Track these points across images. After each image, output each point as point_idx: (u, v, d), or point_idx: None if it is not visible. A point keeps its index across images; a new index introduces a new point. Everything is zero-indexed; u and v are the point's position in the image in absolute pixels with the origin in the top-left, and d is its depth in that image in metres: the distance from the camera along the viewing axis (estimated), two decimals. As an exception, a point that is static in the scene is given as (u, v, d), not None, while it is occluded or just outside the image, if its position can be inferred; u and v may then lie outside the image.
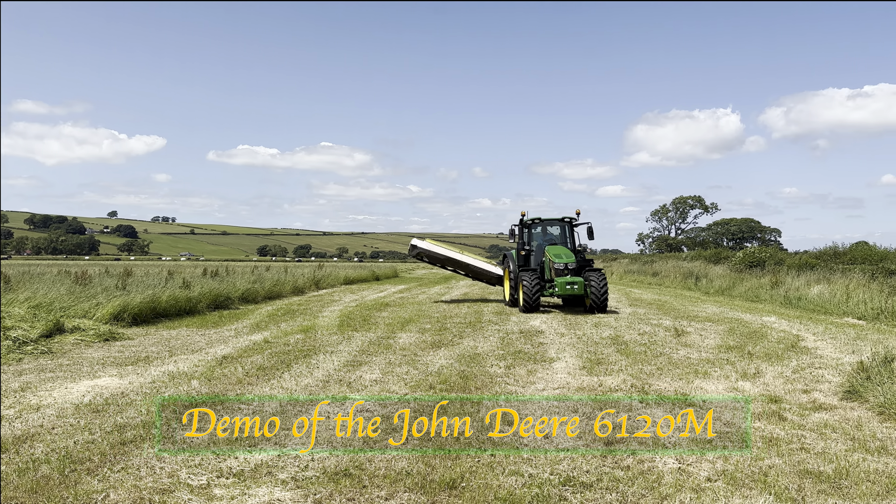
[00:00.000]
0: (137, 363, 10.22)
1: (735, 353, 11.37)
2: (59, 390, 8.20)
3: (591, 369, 9.89)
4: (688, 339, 13.14)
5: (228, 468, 5.40)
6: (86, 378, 9.00)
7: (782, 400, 7.95)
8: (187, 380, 8.87)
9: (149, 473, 5.27)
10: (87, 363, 10.18)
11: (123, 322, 14.81)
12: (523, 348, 11.95)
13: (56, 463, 5.43)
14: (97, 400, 7.66)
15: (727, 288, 27.89)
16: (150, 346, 12.15)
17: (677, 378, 9.24)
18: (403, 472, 5.36)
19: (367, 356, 10.99)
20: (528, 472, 5.36)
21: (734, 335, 13.78)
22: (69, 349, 11.55)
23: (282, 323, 15.97)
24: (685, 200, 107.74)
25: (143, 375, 9.19)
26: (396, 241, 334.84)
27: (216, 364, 10.11)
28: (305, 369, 9.75)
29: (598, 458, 5.72)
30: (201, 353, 11.27)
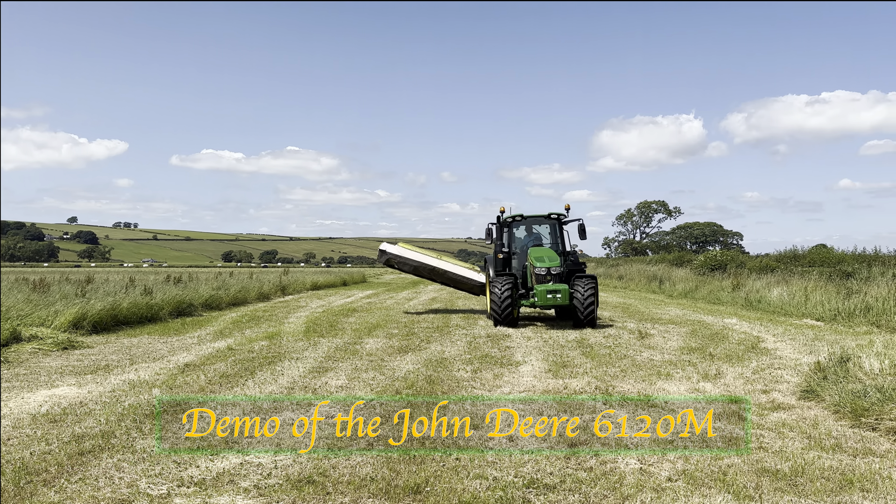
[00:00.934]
0: (97, 372, 10.01)
1: (697, 355, 11.56)
2: (16, 400, 8.00)
3: (556, 372, 9.97)
4: (651, 342, 13.33)
5: (189, 477, 5.32)
6: (43, 387, 8.79)
7: (742, 400, 8.10)
8: (148, 388, 8.71)
9: (107, 484, 5.17)
10: (45, 372, 9.94)
11: (83, 330, 14.50)
12: (490, 352, 12.00)
13: (11, 475, 5.30)
14: (55, 410, 7.49)
15: (690, 291, 28.36)
16: (111, 354, 11.91)
17: (640, 380, 9.36)
18: (368, 477, 5.34)
19: (333, 362, 10.92)
20: (492, 475, 5.38)
21: (696, 337, 14.01)
22: (26, 358, 11.26)
23: (246, 330, 15.79)
24: (649, 205, 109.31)
25: (103, 384, 9.01)
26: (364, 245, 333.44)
27: (178, 372, 9.95)
28: (270, 376, 9.65)
29: (561, 460, 5.77)
30: (163, 361, 11.09)
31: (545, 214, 18.00)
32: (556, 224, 18.06)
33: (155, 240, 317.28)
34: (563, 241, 17.82)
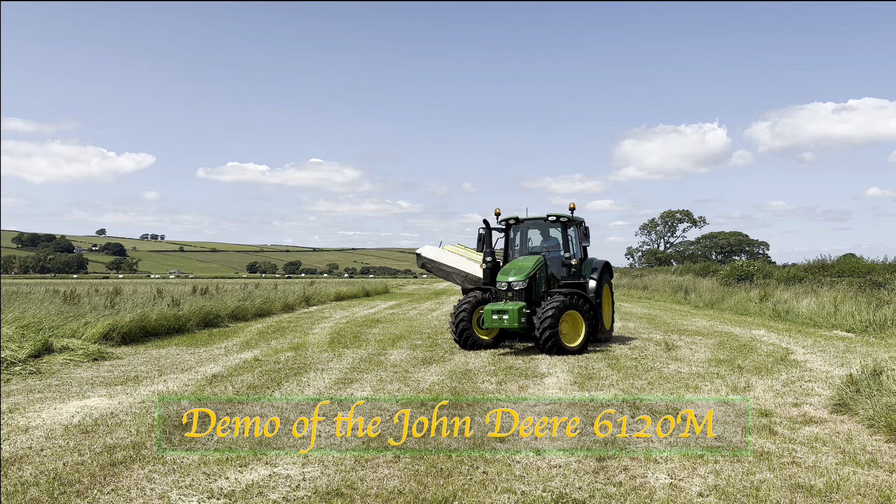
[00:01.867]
0: (127, 383, 10.15)
1: (725, 367, 11.41)
2: (48, 411, 8.13)
3: (582, 384, 9.90)
4: (678, 353, 13.19)
5: (220, 489, 5.37)
6: (75, 398, 8.93)
7: (773, 413, 7.98)
8: (177, 399, 8.81)
9: (139, 495, 5.24)
10: (77, 383, 10.10)
11: (112, 341, 14.71)
12: (515, 364, 11.96)
13: (45, 485, 5.38)
14: (86, 420, 7.60)
15: (716, 301, 28.04)
16: (140, 365, 12.07)
17: (668, 392, 9.27)
18: (396, 490, 5.34)
19: (357, 373, 10.96)
20: (520, 490, 5.35)
21: (724, 349, 13.85)
22: (58, 369, 11.45)
23: (272, 340, 15.90)
24: (673, 214, 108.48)
25: (133, 395, 9.13)
26: (387, 256, 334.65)
27: (206, 383, 10.05)
28: (296, 387, 9.71)
29: (590, 474, 5.73)
30: (191, 371, 11.21)
31: (544, 216, 15.00)
32: (562, 227, 14.91)
33: (181, 251, 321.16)
34: (568, 247, 14.90)
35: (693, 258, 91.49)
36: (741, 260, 62.56)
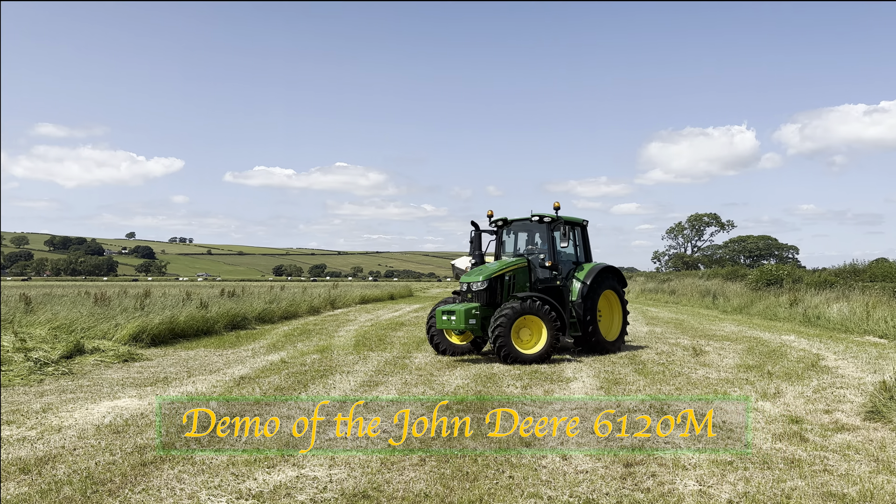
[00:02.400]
0: (156, 384, 10.30)
1: (755, 373, 11.26)
2: (80, 411, 8.28)
3: (608, 389, 9.84)
4: (706, 359, 13.04)
5: (248, 489, 5.42)
6: (106, 399, 9.08)
7: (803, 420, 7.86)
8: (205, 400, 8.92)
9: (169, 495, 5.31)
10: (107, 384, 10.27)
11: (142, 343, 14.94)
12: (540, 368, 11.91)
13: (78, 484, 5.48)
14: (117, 421, 7.72)
15: (745, 306, 27.67)
16: (169, 366, 12.24)
17: (696, 398, 9.17)
18: (422, 493, 5.35)
19: (383, 376, 11.00)
20: (547, 495, 5.33)
21: (753, 354, 13.66)
22: (89, 370, 11.65)
23: (298, 343, 16.03)
24: (701, 218, 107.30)
25: (163, 396, 9.25)
26: (411, 259, 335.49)
27: (234, 384, 10.16)
28: (322, 389, 9.77)
29: (617, 480, 5.68)
30: (219, 373, 11.34)
31: (528, 217, 14.22)
32: (546, 228, 14.03)
33: (209, 254, 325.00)
34: (553, 249, 13.93)
35: (721, 262, 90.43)
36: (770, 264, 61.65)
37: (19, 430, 7.28)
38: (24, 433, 7.16)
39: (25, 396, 9.26)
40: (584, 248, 14.91)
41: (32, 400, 9.00)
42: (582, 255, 14.81)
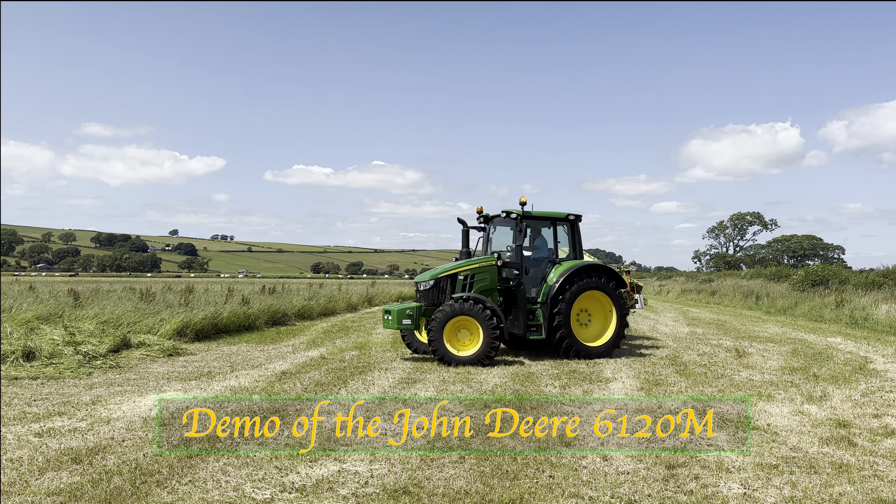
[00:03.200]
0: (200, 378, 10.51)
1: (800, 376, 11.02)
2: (128, 404, 8.50)
3: (649, 390, 9.73)
4: (750, 361, 12.81)
5: (291, 483, 5.51)
6: (152, 392, 9.30)
7: (851, 425, 7.67)
8: (248, 394, 9.08)
9: (215, 487, 5.42)
10: (153, 378, 10.52)
11: (186, 338, 15.25)
12: (578, 368, 11.83)
13: (128, 475, 5.63)
14: (164, 413, 7.91)
15: (789, 307, 27.08)
16: (212, 361, 12.48)
17: (740, 400, 9.01)
18: (462, 491, 5.36)
19: (420, 373, 11.05)
20: (588, 495, 5.30)
21: (798, 356, 13.37)
22: (135, 364, 11.95)
23: (337, 339, 16.20)
24: (743, 217, 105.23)
25: (206, 390, 9.45)
26: (446, 258, 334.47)
27: (276, 379, 10.32)
28: (361, 385, 9.86)
29: (659, 482, 5.62)
30: (261, 368, 11.52)
31: (500, 213, 13.86)
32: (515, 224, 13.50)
33: (249, 252, 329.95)
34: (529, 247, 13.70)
35: (764, 262, 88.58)
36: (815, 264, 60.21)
37: (70, 422, 7.50)
38: (74, 424, 7.37)
39: (75, 389, 9.54)
40: (573, 246, 13.95)
41: (82, 392, 9.26)
42: (571, 253, 13.95)
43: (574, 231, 13.92)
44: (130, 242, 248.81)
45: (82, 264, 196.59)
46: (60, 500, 5.04)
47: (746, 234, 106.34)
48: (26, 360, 11.21)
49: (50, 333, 13.05)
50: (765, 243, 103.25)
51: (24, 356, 11.26)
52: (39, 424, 7.34)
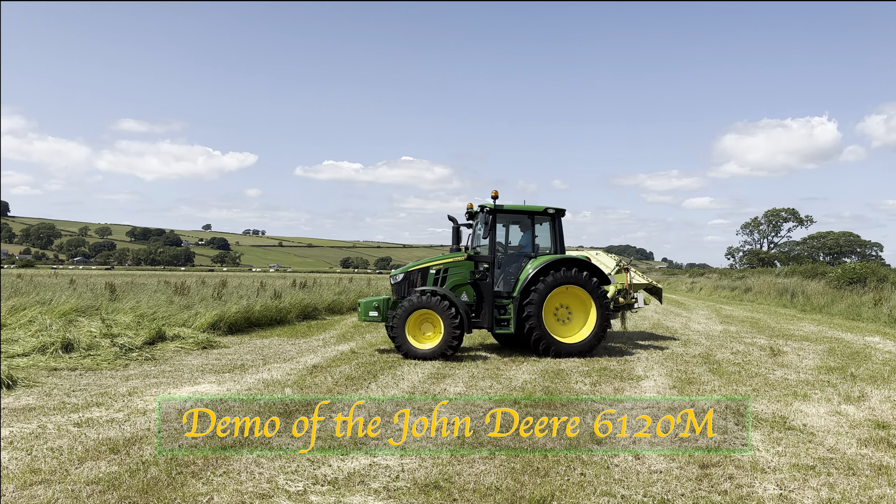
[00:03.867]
0: (234, 371, 10.66)
1: (837, 375, 10.81)
2: (164, 395, 8.65)
3: (681, 389, 9.62)
4: (785, 359, 12.59)
5: (323, 475, 5.56)
6: (187, 384, 9.46)
7: (891, 426, 7.49)
8: (281, 388, 9.18)
9: (249, 478, 5.49)
10: (188, 370, 10.69)
11: (219, 331, 15.47)
12: (609, 365, 11.75)
13: (164, 465, 5.73)
14: (198, 405, 8.03)
15: (825, 305, 26.54)
16: (245, 354, 12.64)
17: (775, 400, 8.86)
18: (493, 487, 5.36)
19: (450, 369, 11.06)
20: (620, 493, 5.26)
21: (835, 356, 13.10)
22: (170, 356, 12.15)
23: (367, 334, 16.29)
24: (778, 213, 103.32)
25: (240, 383, 9.58)
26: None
27: (307, 373, 10.42)
28: (391, 380, 9.91)
29: (693, 481, 5.56)
30: (293, 361, 11.64)
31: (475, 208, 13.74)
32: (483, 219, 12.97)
33: (280, 246, 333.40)
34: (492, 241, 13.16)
35: (799, 259, 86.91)
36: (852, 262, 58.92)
37: (108, 412, 7.66)
38: (112, 415, 7.53)
39: (112, 380, 9.73)
40: (555, 240, 13.55)
41: (119, 383, 9.45)
42: (552, 247, 13.55)
43: (556, 225, 13.63)
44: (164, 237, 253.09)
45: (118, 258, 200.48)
46: (99, 489, 5.15)
47: (781, 230, 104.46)
48: (65, 351, 11.47)
49: (88, 325, 13.34)
50: (800, 240, 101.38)
51: (63, 347, 11.52)
52: (78, 414, 7.51)
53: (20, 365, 10.40)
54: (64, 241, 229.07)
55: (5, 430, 6.83)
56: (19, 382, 9.13)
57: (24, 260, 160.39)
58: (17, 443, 6.37)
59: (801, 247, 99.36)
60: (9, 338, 12.38)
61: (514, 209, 13.30)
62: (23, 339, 12.24)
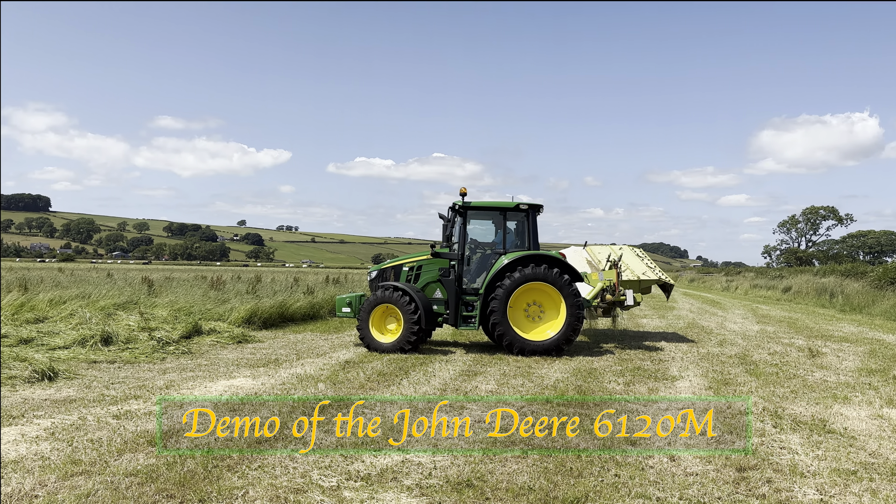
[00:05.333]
0: (268, 365, 10.78)
1: (878, 377, 10.54)
2: (200, 389, 8.78)
3: (717, 390, 9.47)
4: (824, 361, 12.32)
5: (356, 471, 5.59)
6: (222, 378, 9.59)
7: (937, 431, 7.27)
8: (314, 382, 9.26)
9: (283, 472, 5.55)
10: (223, 364, 10.84)
11: (254, 325, 15.67)
12: (642, 365, 11.62)
13: (200, 458, 5.82)
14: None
15: (865, 306, 25.89)
16: (279, 348, 12.78)
17: (814, 402, 8.67)
18: (525, 486, 5.34)
19: (481, 366, 11.04)
20: (655, 496, 5.19)
21: (876, 357, 12.78)
22: (206, 350, 12.34)
23: (399, 331, 16.32)
24: (817, 211, 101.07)
25: (274, 377, 9.68)
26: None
27: (340, 368, 10.49)
28: (423, 377, 9.93)
29: (730, 485, 5.46)
30: (326, 357, 11.74)
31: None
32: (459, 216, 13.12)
33: (313, 242, 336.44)
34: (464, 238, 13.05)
35: (838, 258, 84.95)
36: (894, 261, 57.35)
37: (146, 405, 7.80)
38: (149, 408, 7.66)
39: (150, 373, 9.91)
40: (528, 237, 13.22)
41: (156, 377, 9.62)
42: (525, 244, 13.21)
43: (529, 221, 13.28)
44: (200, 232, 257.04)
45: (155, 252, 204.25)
46: (137, 481, 5.25)
47: (820, 228, 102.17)
48: (104, 344, 11.72)
49: (126, 319, 13.62)
50: (839, 239, 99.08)
51: (103, 340, 11.77)
52: (117, 407, 7.66)
53: (61, 357, 10.65)
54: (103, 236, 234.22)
55: (48, 420, 7.00)
56: (60, 374, 9.35)
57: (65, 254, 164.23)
58: (58, 434, 6.52)
59: (840, 245, 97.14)
60: (50, 330, 12.70)
61: (484, 206, 13.20)
62: (64, 331, 12.54)
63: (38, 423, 6.91)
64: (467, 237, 13.21)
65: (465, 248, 13.07)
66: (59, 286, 19.25)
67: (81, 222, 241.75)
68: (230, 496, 5.03)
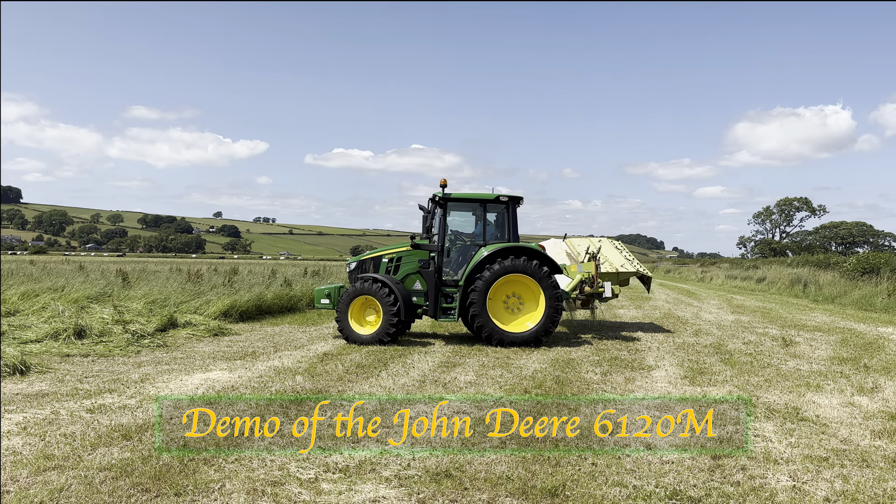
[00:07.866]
0: (245, 358, 10.69)
1: (850, 366, 10.73)
2: (175, 382, 8.69)
3: (693, 379, 9.57)
4: (797, 350, 12.51)
5: (335, 463, 5.57)
6: (199, 371, 9.50)
7: (906, 418, 7.43)
8: (292, 375, 9.20)
9: (260, 465, 5.51)
10: (200, 357, 10.74)
11: (231, 318, 15.53)
12: (619, 355, 11.71)
13: (176, 452, 5.76)
14: (210, 393, 8.07)
15: (838, 296, 26.34)
16: (256, 341, 12.69)
17: (787, 391, 8.81)
18: (504, 476, 5.36)
19: (460, 357, 11.06)
20: (632, 484, 5.24)
21: (848, 346, 13.01)
22: (182, 343, 12.21)
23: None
24: (790, 202, 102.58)
25: (251, 370, 9.61)
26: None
27: (318, 360, 10.44)
28: (402, 369, 9.91)
29: (705, 472, 5.53)
30: (303, 349, 11.67)
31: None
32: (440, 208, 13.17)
33: (290, 234, 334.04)
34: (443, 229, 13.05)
35: (811, 249, 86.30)
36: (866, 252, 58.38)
37: (120, 399, 7.70)
38: (124, 402, 7.57)
39: (124, 367, 9.79)
40: (508, 229, 13.20)
41: (131, 370, 9.50)
42: (505, 236, 13.20)
43: (509, 213, 13.27)
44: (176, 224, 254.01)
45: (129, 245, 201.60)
46: (112, 475, 5.18)
47: (793, 220, 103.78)
48: (77, 337, 11.55)
49: (100, 312, 13.41)
50: (812, 230, 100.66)
51: (76, 334, 11.60)
52: (91, 401, 7.56)
53: (33, 351, 10.48)
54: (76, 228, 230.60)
55: (19, 415, 6.89)
56: (32, 368, 9.20)
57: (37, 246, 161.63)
58: (30, 428, 6.41)
59: (813, 236, 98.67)
60: (22, 324, 12.48)
61: (464, 197, 13.20)
62: (36, 325, 12.34)
63: (9, 417, 6.80)
64: (447, 229, 13.20)
65: (444, 240, 13.06)
66: (30, 279, 18.93)
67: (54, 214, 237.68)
68: (207, 489, 4.99)
